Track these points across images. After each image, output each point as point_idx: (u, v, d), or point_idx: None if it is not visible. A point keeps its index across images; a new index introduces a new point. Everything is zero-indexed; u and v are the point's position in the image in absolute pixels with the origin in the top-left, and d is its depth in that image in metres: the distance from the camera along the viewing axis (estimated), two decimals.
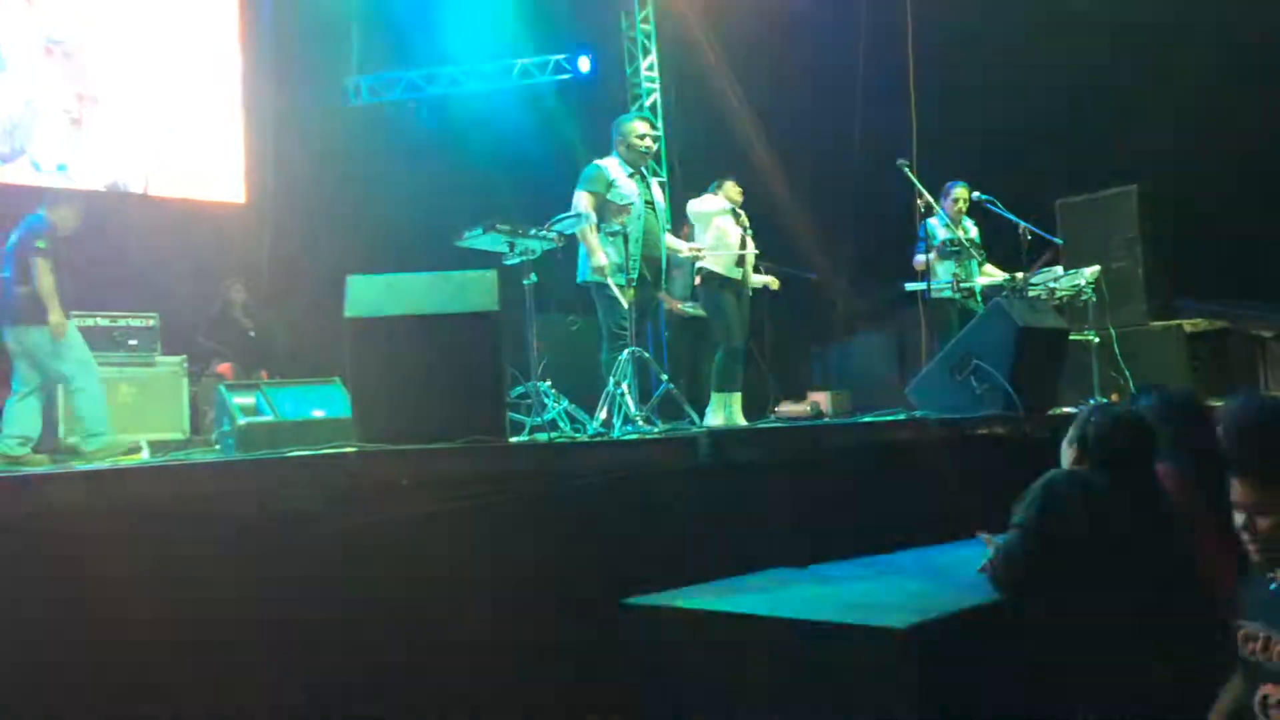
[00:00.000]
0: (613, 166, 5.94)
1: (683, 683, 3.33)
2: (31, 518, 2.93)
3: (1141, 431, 3.16)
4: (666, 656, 3.39)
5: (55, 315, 5.99)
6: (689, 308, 7.85)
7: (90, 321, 6.74)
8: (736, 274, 6.74)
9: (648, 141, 6.03)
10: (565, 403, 5.37)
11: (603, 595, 3.49)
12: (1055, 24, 8.93)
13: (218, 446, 5.47)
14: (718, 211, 6.80)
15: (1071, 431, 3.25)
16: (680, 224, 7.22)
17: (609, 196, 5.85)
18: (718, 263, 6.73)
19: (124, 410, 6.61)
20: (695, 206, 6.92)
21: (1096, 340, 7.26)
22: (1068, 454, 3.26)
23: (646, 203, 5.97)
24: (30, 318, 6.03)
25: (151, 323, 6.97)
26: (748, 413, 6.89)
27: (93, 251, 7.59)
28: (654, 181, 6.21)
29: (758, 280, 7.11)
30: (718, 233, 6.75)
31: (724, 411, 6.61)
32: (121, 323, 6.84)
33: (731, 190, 6.95)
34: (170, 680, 2.92)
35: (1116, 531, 2.96)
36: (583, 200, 5.81)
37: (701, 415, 6.17)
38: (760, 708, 3.09)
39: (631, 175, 5.95)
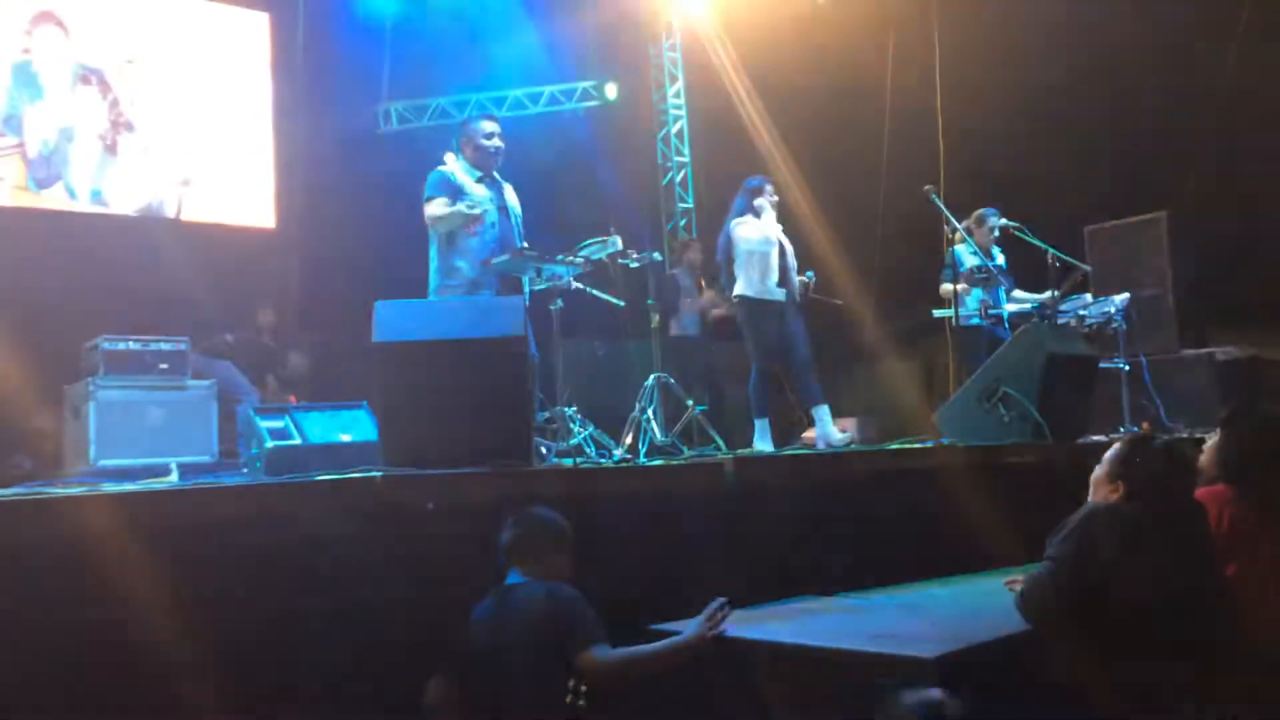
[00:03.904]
0: (457, 171, 5.48)
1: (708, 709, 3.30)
2: (60, 539, 2.95)
3: (1185, 466, 3.13)
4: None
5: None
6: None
7: (121, 345, 6.78)
8: (777, 294, 6.68)
9: (496, 141, 5.51)
10: (591, 428, 5.37)
11: (628, 621, 3.47)
12: (1083, 50, 8.90)
13: (246, 470, 5.50)
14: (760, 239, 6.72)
15: (1109, 466, 3.19)
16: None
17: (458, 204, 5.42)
18: (748, 284, 6.69)
19: (153, 433, 6.64)
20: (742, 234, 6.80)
21: (1127, 368, 7.20)
22: (1103, 488, 3.20)
23: (501, 209, 5.52)
24: None
25: (183, 347, 6.99)
26: (773, 439, 6.86)
27: (124, 275, 7.69)
28: (508, 188, 5.63)
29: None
30: (750, 261, 6.71)
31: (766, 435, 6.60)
32: (152, 346, 6.86)
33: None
34: (197, 701, 2.93)
35: (1152, 568, 2.92)
36: (436, 207, 5.33)
37: (726, 441, 6.14)
38: None
39: (480, 180, 5.49)
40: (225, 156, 9.15)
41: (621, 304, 6.22)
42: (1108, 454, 3.23)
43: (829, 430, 6.58)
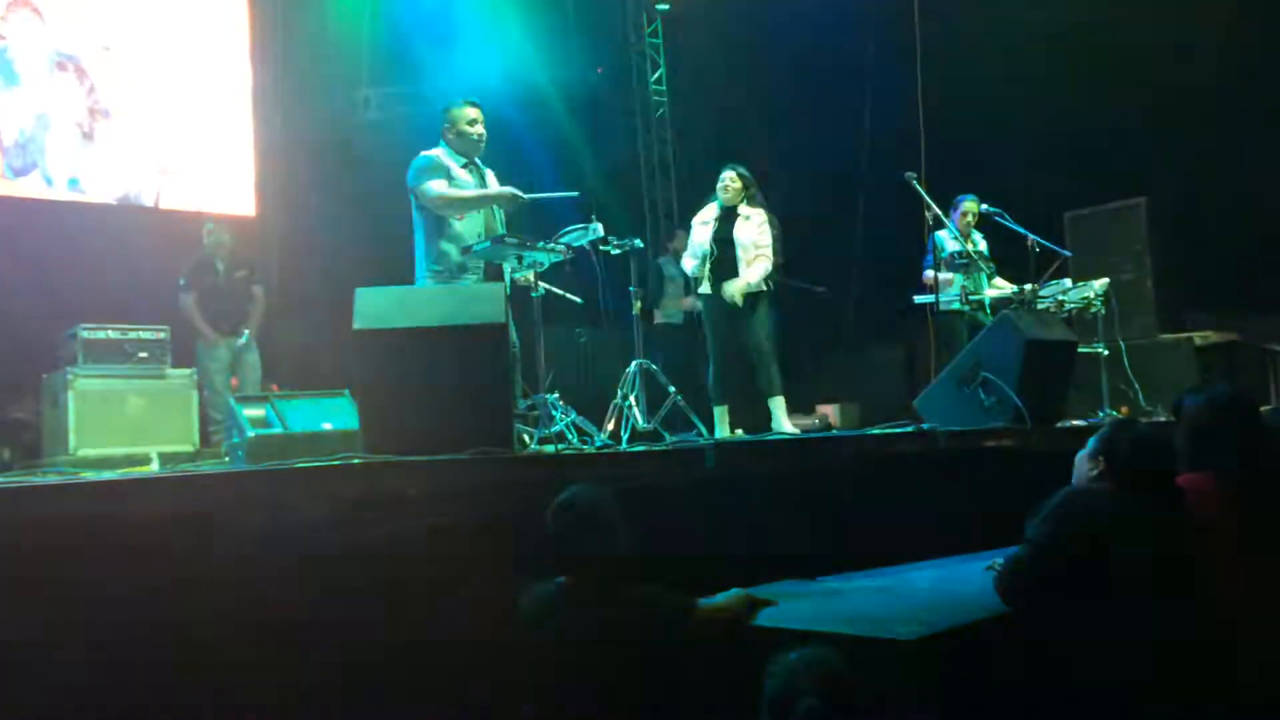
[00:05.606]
0: (443, 157, 5.46)
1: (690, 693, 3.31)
2: (41, 527, 2.95)
3: (1164, 452, 3.15)
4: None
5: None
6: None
7: (101, 334, 6.76)
8: (705, 286, 6.68)
9: (479, 129, 5.50)
10: (573, 415, 5.37)
11: None
12: (1064, 36, 8.93)
13: (227, 459, 5.49)
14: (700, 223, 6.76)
15: (1093, 444, 3.23)
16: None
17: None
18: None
19: (134, 422, 6.63)
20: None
21: (1106, 353, 7.25)
22: (1085, 464, 3.23)
23: None
24: None
25: (162, 335, 6.97)
26: (756, 425, 6.86)
27: (103, 264, 7.64)
28: (489, 174, 5.65)
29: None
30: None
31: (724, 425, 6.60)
32: (132, 335, 6.84)
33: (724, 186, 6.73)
34: (177, 690, 2.93)
35: (1131, 551, 2.94)
36: (438, 188, 5.30)
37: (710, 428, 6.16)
38: None
39: (465, 166, 5.49)
40: (204, 144, 9.09)
41: (580, 301, 6.27)
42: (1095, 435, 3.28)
43: (779, 423, 6.57)
